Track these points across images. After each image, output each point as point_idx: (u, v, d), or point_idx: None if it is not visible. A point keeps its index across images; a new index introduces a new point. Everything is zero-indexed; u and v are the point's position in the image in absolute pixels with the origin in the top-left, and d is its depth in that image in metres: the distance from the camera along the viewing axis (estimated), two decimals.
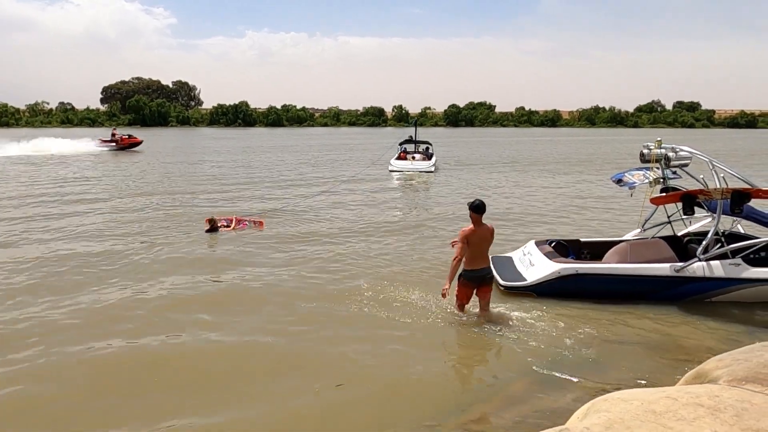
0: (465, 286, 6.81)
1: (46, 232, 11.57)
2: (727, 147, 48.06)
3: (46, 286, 7.88)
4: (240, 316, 6.85)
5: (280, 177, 22.94)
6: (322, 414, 4.69)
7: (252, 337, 6.25)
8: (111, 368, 5.50)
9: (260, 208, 14.71)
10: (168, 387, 5.14)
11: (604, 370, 5.39)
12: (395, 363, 5.59)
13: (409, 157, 26.46)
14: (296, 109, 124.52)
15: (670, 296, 7.32)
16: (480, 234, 6.65)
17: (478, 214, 6.66)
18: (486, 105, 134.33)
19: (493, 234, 6.77)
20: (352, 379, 5.24)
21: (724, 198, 7.18)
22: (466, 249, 6.63)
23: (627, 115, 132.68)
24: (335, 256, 9.66)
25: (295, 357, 5.75)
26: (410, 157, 26.45)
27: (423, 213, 14.23)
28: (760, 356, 4.20)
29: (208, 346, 6.02)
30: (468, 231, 6.65)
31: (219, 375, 5.39)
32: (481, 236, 6.65)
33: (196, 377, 5.34)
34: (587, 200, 16.59)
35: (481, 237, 6.66)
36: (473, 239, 6.62)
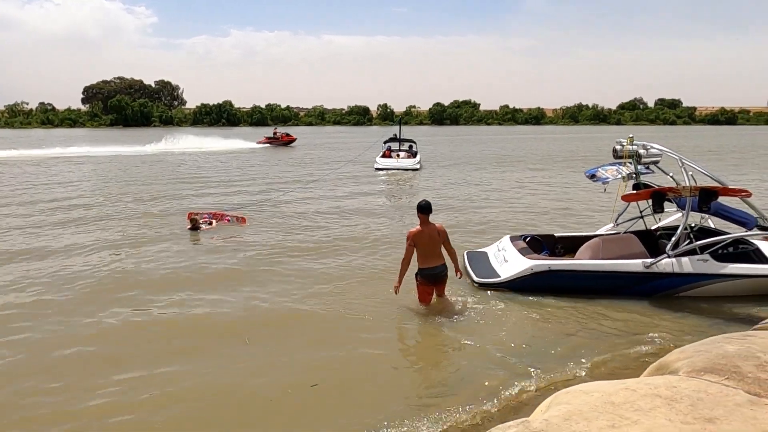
0: (422, 284, 7.03)
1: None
2: (709, 144, 48.71)
3: None
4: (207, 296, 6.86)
5: (265, 176, 22.89)
6: (296, 412, 4.71)
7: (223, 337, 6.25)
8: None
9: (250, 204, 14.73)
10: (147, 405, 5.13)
11: (572, 363, 5.47)
12: (362, 361, 5.63)
13: (394, 155, 26.78)
14: (280, 109, 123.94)
15: (641, 292, 7.44)
16: (427, 233, 6.86)
17: (424, 214, 6.89)
18: (470, 103, 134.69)
19: (442, 233, 6.95)
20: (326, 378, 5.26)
21: (692, 195, 7.31)
22: (415, 249, 6.88)
23: (610, 113, 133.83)
24: (313, 258, 9.68)
25: (267, 357, 5.77)
26: (395, 155, 26.78)
27: (404, 210, 14.30)
28: (719, 348, 4.31)
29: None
30: (414, 231, 6.90)
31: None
32: (429, 235, 6.86)
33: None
34: (565, 195, 16.78)
35: (429, 236, 6.86)
36: (421, 239, 6.85)
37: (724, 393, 3.52)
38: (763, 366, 3.89)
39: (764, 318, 5.87)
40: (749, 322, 6.21)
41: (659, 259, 7.38)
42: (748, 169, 25.92)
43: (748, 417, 3.21)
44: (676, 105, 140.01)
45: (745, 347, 4.27)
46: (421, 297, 7.07)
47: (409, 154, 27.20)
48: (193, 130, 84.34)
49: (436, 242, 6.94)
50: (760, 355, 4.09)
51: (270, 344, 6.07)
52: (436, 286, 7.10)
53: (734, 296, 7.39)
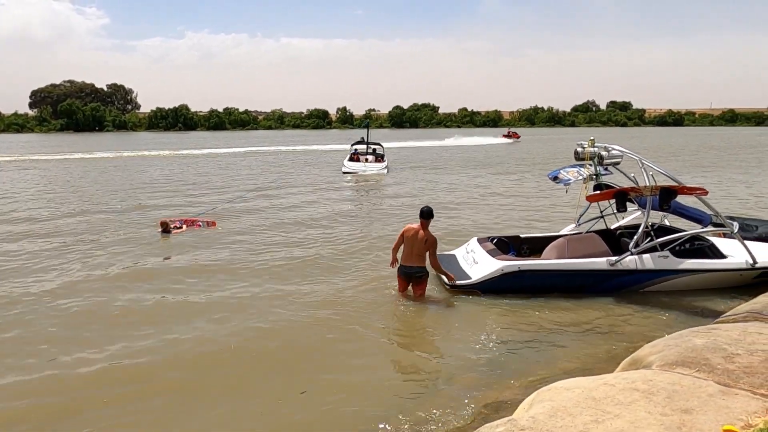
0: (398, 277, 7.70)
1: None
2: (658, 144, 50.54)
3: None
4: (197, 324, 6.71)
5: (229, 182, 22.53)
6: (283, 420, 4.68)
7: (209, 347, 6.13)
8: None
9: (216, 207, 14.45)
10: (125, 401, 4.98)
11: (547, 360, 5.61)
12: (342, 368, 5.61)
13: (362, 159, 26.84)
14: (239, 112, 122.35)
15: (607, 288, 7.68)
16: (413, 234, 7.43)
17: (422, 218, 7.46)
18: (430, 106, 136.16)
19: (427, 242, 7.40)
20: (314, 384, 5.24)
21: (653, 195, 7.60)
22: (400, 242, 7.56)
23: (564, 115, 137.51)
24: (284, 258, 9.61)
25: (253, 364, 5.70)
26: (363, 159, 26.85)
27: (373, 213, 14.35)
28: (688, 341, 4.49)
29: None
30: (407, 227, 7.59)
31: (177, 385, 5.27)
32: (414, 237, 7.42)
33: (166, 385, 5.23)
34: (527, 197, 17.15)
35: (413, 237, 7.42)
36: (406, 236, 7.50)
37: (697, 385, 3.68)
38: (730, 357, 4.09)
39: (723, 311, 6.15)
40: (710, 315, 6.49)
41: (623, 256, 7.63)
42: (704, 168, 27.03)
43: (721, 406, 3.37)
44: (627, 107, 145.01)
45: (712, 340, 4.47)
46: (399, 286, 7.73)
47: (376, 158, 27.29)
48: (149, 135, 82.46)
49: (419, 246, 7.41)
50: (726, 347, 4.29)
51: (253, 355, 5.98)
52: (412, 283, 7.62)
53: (693, 290, 7.72)
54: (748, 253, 7.69)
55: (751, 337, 4.52)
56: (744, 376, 3.77)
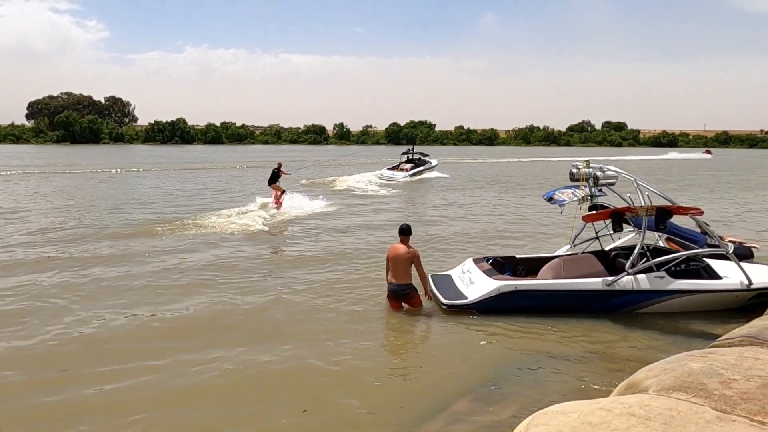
0: (388, 297, 7.84)
1: None
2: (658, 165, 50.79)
3: None
4: (194, 341, 6.63)
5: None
6: None
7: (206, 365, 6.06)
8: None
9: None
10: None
11: (543, 383, 5.56)
12: (340, 388, 5.57)
13: (402, 167, 33.13)
14: (236, 127, 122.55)
15: (603, 309, 7.65)
16: (395, 252, 7.62)
17: (401, 235, 7.71)
18: (426, 123, 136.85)
19: (410, 256, 7.53)
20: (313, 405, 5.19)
21: (649, 215, 7.62)
22: (388, 265, 7.71)
23: (560, 135, 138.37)
24: (271, 271, 9.56)
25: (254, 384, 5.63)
26: (402, 168, 33.01)
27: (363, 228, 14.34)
28: (684, 365, 4.45)
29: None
30: (389, 249, 7.80)
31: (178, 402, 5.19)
32: (396, 255, 7.60)
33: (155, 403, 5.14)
34: (524, 217, 17.16)
35: (396, 256, 7.60)
36: (390, 256, 7.69)
37: (694, 411, 3.64)
38: (727, 383, 4.05)
39: (719, 334, 6.11)
40: (706, 338, 6.46)
41: (619, 276, 7.62)
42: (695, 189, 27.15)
43: None
44: (621, 127, 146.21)
45: (708, 364, 4.43)
46: (390, 306, 7.83)
47: (414, 165, 33.34)
48: (145, 147, 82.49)
49: (402, 262, 7.55)
50: (722, 372, 4.25)
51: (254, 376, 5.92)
52: (404, 301, 7.74)
53: (689, 312, 7.69)
54: (744, 273, 7.69)
55: (748, 362, 4.48)
56: (741, 402, 3.73)
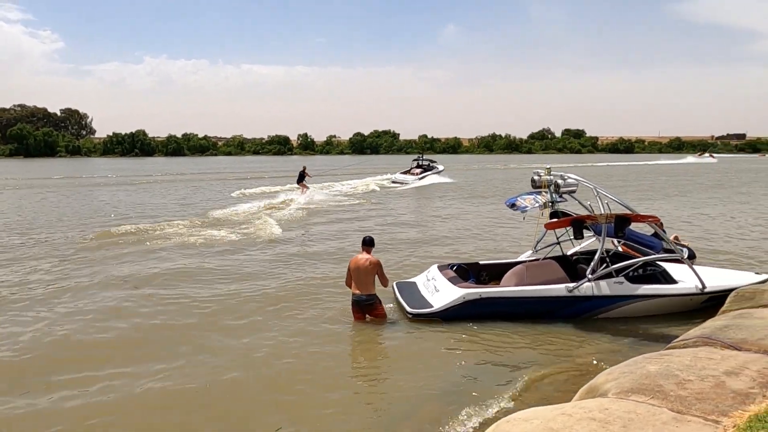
0: (352, 308, 7.81)
1: None
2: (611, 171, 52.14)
3: None
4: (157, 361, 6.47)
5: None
6: None
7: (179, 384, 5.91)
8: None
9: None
10: None
11: (507, 389, 5.62)
12: (304, 400, 5.54)
13: (413, 172, 37.98)
14: (198, 138, 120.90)
15: (566, 315, 7.80)
16: (357, 263, 7.63)
17: (363, 246, 7.77)
18: (390, 133, 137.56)
19: (372, 265, 7.54)
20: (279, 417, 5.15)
21: (608, 222, 7.81)
22: (350, 275, 7.72)
23: (521, 142, 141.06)
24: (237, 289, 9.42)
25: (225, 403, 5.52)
26: (413, 172, 37.82)
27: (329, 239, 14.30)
28: (642, 368, 4.58)
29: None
30: (351, 260, 7.79)
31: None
32: (358, 266, 7.61)
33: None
34: (488, 223, 17.38)
35: (358, 266, 7.61)
36: (352, 267, 7.68)
37: (651, 412, 3.74)
38: (682, 384, 4.18)
39: (675, 336, 6.30)
40: (662, 341, 6.65)
41: (581, 282, 7.78)
42: (654, 195, 27.98)
43: None
44: (580, 135, 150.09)
45: (664, 366, 4.57)
46: (354, 316, 7.80)
47: (423, 171, 37.78)
48: (104, 160, 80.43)
49: (364, 273, 7.56)
50: (678, 374, 4.39)
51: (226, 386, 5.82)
52: (367, 312, 7.71)
53: (646, 316, 7.90)
54: (698, 278, 7.94)
55: (702, 362, 4.64)
56: (696, 403, 3.85)
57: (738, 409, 3.73)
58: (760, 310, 6.44)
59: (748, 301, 6.84)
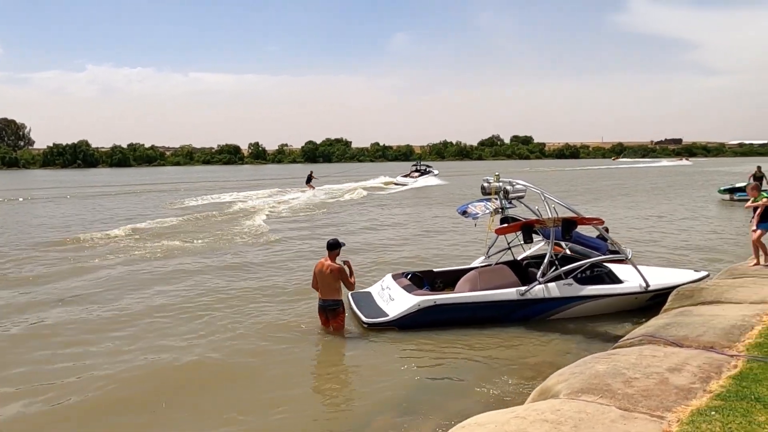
0: (318, 313, 7.75)
1: None
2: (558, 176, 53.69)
3: None
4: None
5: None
6: None
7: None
8: None
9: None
10: None
11: (462, 394, 5.67)
12: (257, 407, 5.48)
13: (412, 175, 44.99)
14: (144, 148, 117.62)
15: (518, 318, 7.95)
16: (320, 268, 7.59)
17: (327, 250, 7.65)
18: (342, 141, 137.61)
19: (333, 272, 7.48)
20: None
21: (556, 226, 8.03)
22: (315, 279, 7.69)
23: (472, 149, 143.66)
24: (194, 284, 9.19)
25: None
26: (412, 176, 44.65)
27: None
28: (591, 368, 4.71)
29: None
30: (316, 264, 7.74)
31: None
32: (321, 271, 7.57)
33: None
34: (439, 230, 17.58)
35: (321, 271, 7.57)
36: (317, 271, 7.65)
37: (600, 411, 3.85)
38: (629, 382, 4.33)
39: (622, 335, 6.52)
40: (610, 339, 6.86)
41: (532, 286, 7.95)
42: (601, 199, 28.94)
43: (622, 431, 3.55)
44: (528, 141, 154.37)
45: (612, 365, 4.72)
46: (320, 321, 7.76)
47: (421, 174, 44.58)
48: (43, 172, 77.14)
49: (327, 278, 7.51)
50: (625, 372, 4.54)
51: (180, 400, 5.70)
52: (329, 317, 7.63)
53: (595, 316, 8.15)
54: (642, 277, 8.25)
55: (647, 360, 4.81)
56: (642, 400, 3.99)
57: (681, 404, 3.89)
58: (698, 307, 6.75)
59: (688, 299, 7.16)
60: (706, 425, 3.51)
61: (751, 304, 6.49)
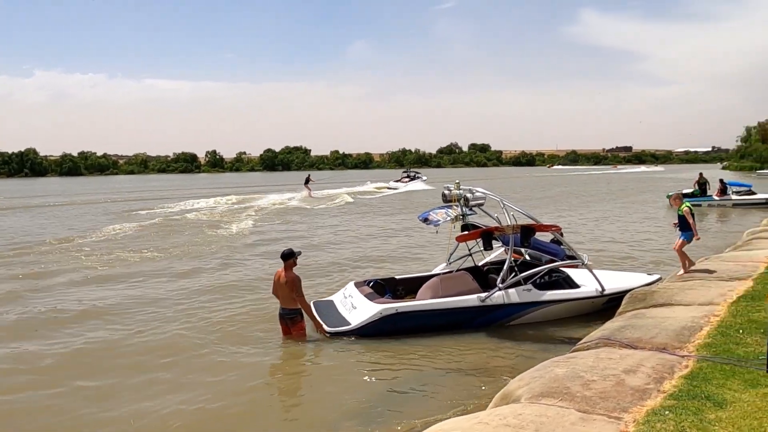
0: (279, 321, 7.75)
1: None
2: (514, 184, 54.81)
3: None
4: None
5: None
6: None
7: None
8: None
9: None
10: None
11: (426, 402, 5.69)
12: (212, 421, 5.37)
13: (403, 180, 48.70)
14: (96, 156, 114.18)
15: (480, 324, 8.04)
16: (277, 278, 7.67)
17: (282, 260, 7.64)
18: (302, 149, 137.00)
19: (289, 282, 7.50)
20: None
21: (514, 233, 8.18)
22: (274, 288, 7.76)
23: (431, 157, 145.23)
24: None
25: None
26: (403, 181, 48.50)
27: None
28: (551, 372, 4.82)
29: None
30: (276, 273, 7.78)
31: None
32: (278, 280, 7.66)
33: None
34: (400, 237, 17.67)
35: (278, 281, 7.66)
36: (275, 280, 7.73)
37: (561, 414, 3.94)
38: (587, 384, 4.44)
39: (579, 338, 6.68)
40: (569, 343, 7.01)
41: (492, 292, 8.07)
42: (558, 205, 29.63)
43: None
44: (486, 149, 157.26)
45: (570, 369, 4.84)
46: (281, 330, 7.76)
47: (411, 179, 48.26)
48: None
49: (282, 288, 7.59)
50: (583, 375, 4.65)
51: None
52: (289, 325, 7.65)
53: (554, 320, 8.33)
54: (597, 281, 8.49)
55: (603, 362, 4.95)
56: (600, 402, 4.10)
57: (637, 404, 4.02)
58: (651, 309, 6.99)
59: (641, 302, 7.40)
60: (660, 424, 3.63)
61: (699, 306, 6.76)
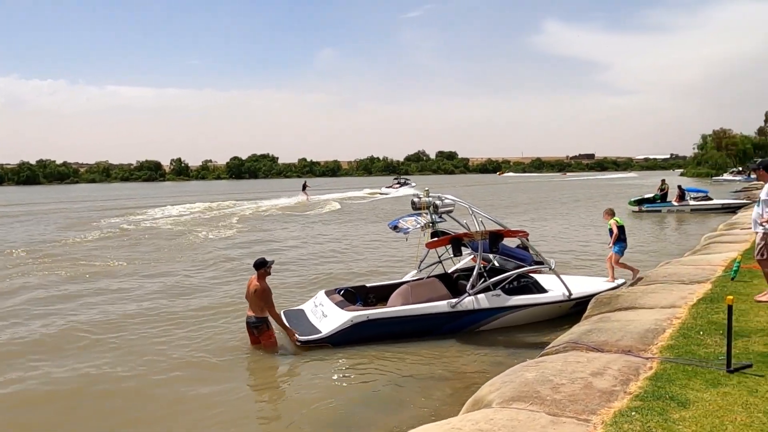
0: (246, 329, 7.72)
1: None
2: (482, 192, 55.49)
3: None
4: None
5: None
6: None
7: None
8: None
9: None
10: None
11: (398, 409, 5.70)
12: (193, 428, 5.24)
13: (394, 186, 53.53)
14: (55, 165, 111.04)
15: (450, 329, 8.11)
16: (249, 284, 7.67)
17: (254, 268, 7.63)
18: (269, 157, 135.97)
19: (258, 292, 7.44)
20: None
21: (483, 239, 8.29)
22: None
23: (399, 164, 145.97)
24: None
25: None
26: (394, 187, 52.88)
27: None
28: (521, 376, 4.88)
29: None
30: (249, 280, 7.79)
31: None
32: (249, 288, 7.65)
33: None
34: (371, 244, 17.68)
35: (248, 289, 7.65)
36: (248, 288, 7.70)
37: (531, 418, 4.00)
38: (557, 388, 4.52)
39: (548, 342, 6.80)
40: (538, 347, 7.12)
41: (462, 298, 8.14)
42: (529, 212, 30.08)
43: None
44: (453, 156, 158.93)
45: (540, 373, 4.91)
46: (249, 337, 7.71)
47: (401, 185, 52.87)
48: None
49: (251, 296, 7.55)
50: (552, 379, 4.73)
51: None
52: (257, 334, 7.58)
53: (522, 325, 8.45)
54: (564, 286, 8.66)
55: (572, 366, 5.05)
56: (569, 404, 4.18)
57: (604, 406, 4.11)
58: (616, 313, 7.15)
59: (606, 305, 7.58)
60: (627, 425, 3.72)
61: (662, 309, 6.96)
